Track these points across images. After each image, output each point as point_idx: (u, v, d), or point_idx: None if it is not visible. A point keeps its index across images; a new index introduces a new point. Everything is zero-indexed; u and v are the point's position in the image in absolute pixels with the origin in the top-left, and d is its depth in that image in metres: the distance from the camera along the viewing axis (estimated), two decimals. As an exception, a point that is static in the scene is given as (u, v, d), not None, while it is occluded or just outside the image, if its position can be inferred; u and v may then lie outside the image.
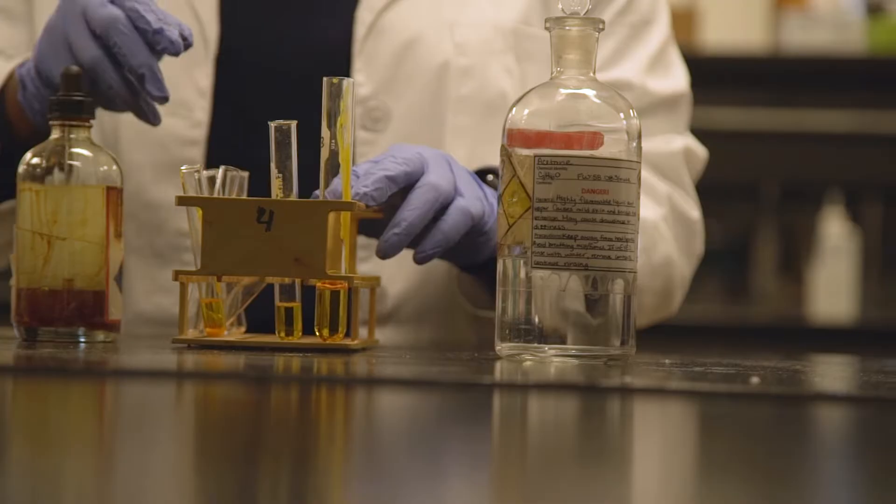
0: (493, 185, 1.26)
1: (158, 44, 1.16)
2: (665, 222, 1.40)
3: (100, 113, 1.30)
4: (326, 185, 1.13)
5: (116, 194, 1.16)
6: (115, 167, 1.16)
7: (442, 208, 1.17)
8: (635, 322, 1.11)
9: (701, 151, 1.47)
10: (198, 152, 1.35)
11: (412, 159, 1.16)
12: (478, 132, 1.37)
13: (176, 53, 1.17)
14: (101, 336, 1.14)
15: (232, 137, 1.26)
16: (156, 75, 1.17)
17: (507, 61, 1.38)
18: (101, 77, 1.18)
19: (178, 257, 1.36)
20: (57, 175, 1.15)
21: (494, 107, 1.36)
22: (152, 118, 1.20)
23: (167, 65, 1.24)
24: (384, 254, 1.14)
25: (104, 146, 1.36)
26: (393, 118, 1.36)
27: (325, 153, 1.12)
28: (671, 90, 1.43)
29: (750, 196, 3.39)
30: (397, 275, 1.37)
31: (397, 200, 1.16)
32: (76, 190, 1.14)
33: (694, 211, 1.44)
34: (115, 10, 1.17)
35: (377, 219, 1.19)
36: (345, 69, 1.36)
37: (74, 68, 1.16)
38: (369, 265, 1.35)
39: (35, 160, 1.15)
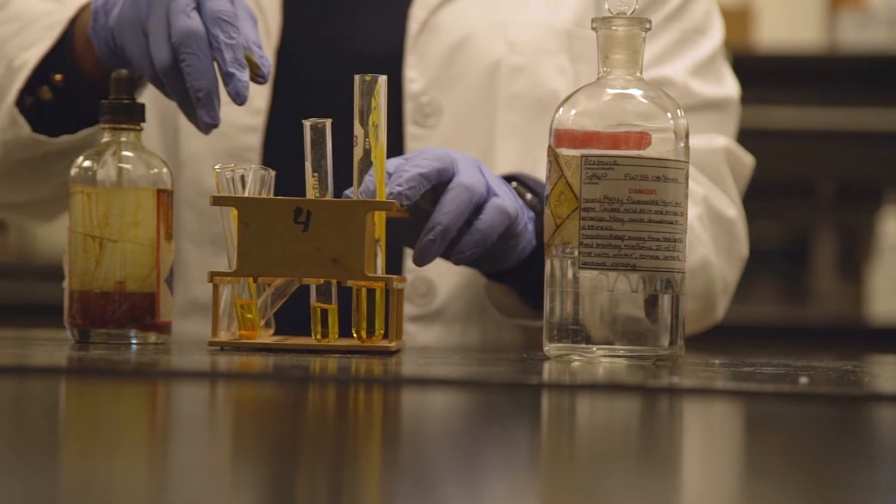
0: (519, 192, 1.26)
1: (226, 85, 1.16)
2: (700, 223, 1.39)
3: (160, 102, 1.32)
4: (360, 183, 1.12)
5: (167, 197, 1.16)
6: (165, 169, 1.17)
7: (476, 209, 1.17)
8: (684, 322, 1.11)
9: (747, 158, 1.45)
10: (256, 139, 1.38)
11: (443, 157, 1.16)
12: (529, 131, 1.37)
13: (241, 102, 1.16)
14: (152, 338, 1.15)
15: (289, 125, 1.27)
16: (212, 101, 1.16)
17: (560, 61, 1.39)
18: (164, 84, 1.19)
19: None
20: (108, 178, 1.16)
21: (546, 106, 1.37)
22: (202, 128, 1.20)
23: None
24: (421, 261, 1.14)
25: (164, 133, 1.39)
26: (444, 114, 1.37)
27: (358, 152, 1.12)
28: (716, 94, 1.42)
29: (807, 196, 3.37)
30: (446, 272, 1.38)
31: (422, 200, 1.16)
32: (127, 192, 1.15)
33: (731, 210, 1.42)
34: (195, 24, 1.16)
35: (401, 219, 1.18)
36: (398, 65, 1.37)
37: (123, 72, 1.17)
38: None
39: (86, 163, 1.16)
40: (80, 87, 1.29)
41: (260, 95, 1.38)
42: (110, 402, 0.88)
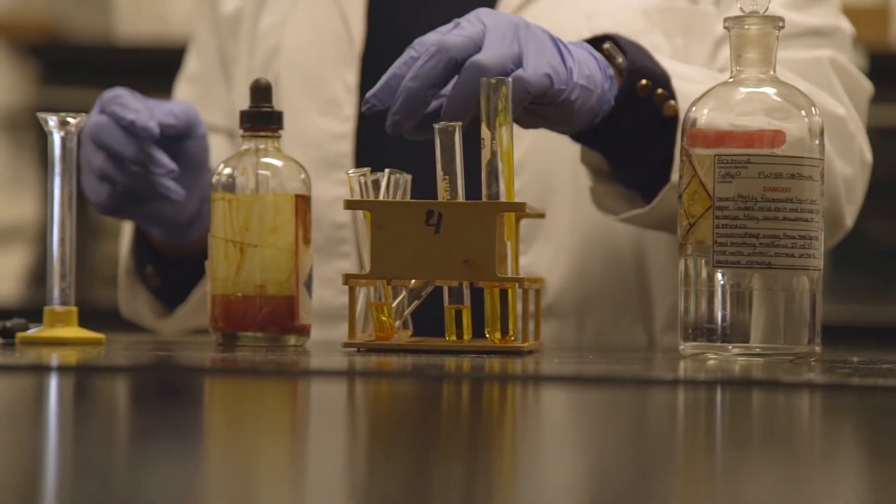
0: (609, 55, 1.22)
1: (137, 134, 1.24)
2: None
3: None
4: (489, 185, 1.13)
5: (305, 202, 1.19)
6: (302, 175, 1.19)
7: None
8: (821, 321, 1.10)
9: (865, 80, 1.38)
10: (347, 146, 1.40)
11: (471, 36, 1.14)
12: None
13: (153, 138, 1.25)
14: (292, 340, 1.18)
15: (379, 130, 1.29)
16: (153, 159, 1.25)
17: (652, 39, 1.35)
18: (115, 177, 1.26)
19: (336, 250, 1.41)
20: (248, 184, 1.18)
21: None
22: (172, 194, 1.27)
23: (317, 64, 1.36)
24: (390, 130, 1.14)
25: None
26: None
27: (486, 154, 1.13)
28: (819, 23, 1.36)
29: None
30: (555, 265, 1.37)
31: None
32: (266, 198, 1.18)
33: (839, 108, 1.34)
34: (101, 117, 1.26)
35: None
36: None
37: (263, 80, 1.20)
38: (526, 258, 1.35)
39: (227, 170, 1.19)
40: (171, 267, 1.42)
41: (348, 102, 1.41)
42: (254, 400, 0.90)
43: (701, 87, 1.23)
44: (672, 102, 1.23)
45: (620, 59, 1.23)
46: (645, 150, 1.25)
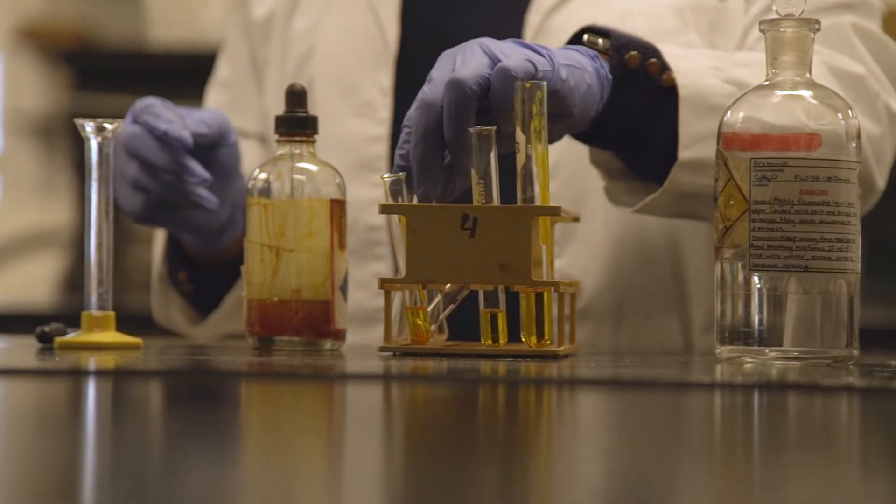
0: (592, 45, 1.21)
1: (171, 144, 1.25)
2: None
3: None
4: (524, 189, 1.13)
5: (340, 206, 1.19)
6: (338, 180, 1.20)
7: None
8: (858, 323, 1.10)
9: (891, 43, 1.34)
10: (382, 148, 1.41)
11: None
12: None
13: (187, 148, 1.25)
14: (327, 344, 1.18)
15: None
16: (187, 169, 1.25)
17: (686, 38, 1.35)
18: (148, 186, 1.27)
19: (370, 252, 1.41)
20: (283, 189, 1.19)
21: None
22: (205, 203, 1.27)
23: (352, 67, 1.37)
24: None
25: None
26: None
27: (520, 158, 1.13)
28: None
29: None
30: (590, 267, 1.37)
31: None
32: (302, 203, 1.18)
33: (857, 67, 1.31)
34: (134, 127, 1.26)
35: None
36: None
37: (298, 85, 1.20)
38: (560, 260, 1.35)
39: (262, 175, 1.19)
40: (201, 266, 1.43)
41: (383, 105, 1.41)
42: (291, 404, 0.91)
43: (696, 57, 1.23)
44: (670, 72, 1.22)
45: (601, 41, 1.22)
46: (654, 130, 1.24)
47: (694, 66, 1.23)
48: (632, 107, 1.22)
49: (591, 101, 1.18)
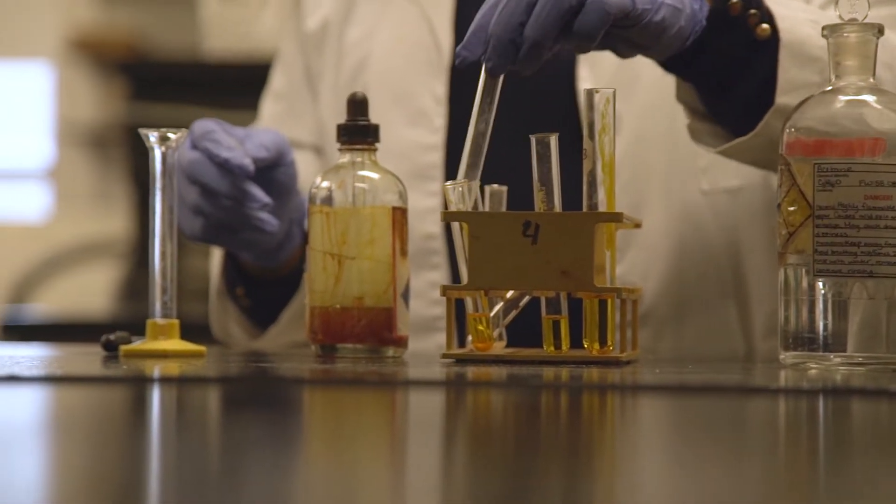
0: None
1: (232, 171, 1.24)
2: None
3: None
4: (589, 196, 1.13)
5: (401, 214, 1.19)
6: (399, 188, 1.20)
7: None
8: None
9: None
10: (437, 156, 1.41)
11: None
12: None
13: (248, 175, 1.24)
14: (390, 351, 1.18)
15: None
16: (248, 195, 1.25)
17: None
18: (209, 211, 1.26)
19: (426, 261, 1.41)
20: (345, 197, 1.19)
21: None
22: (267, 226, 1.27)
23: (406, 76, 1.37)
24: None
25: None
26: (624, 121, 1.36)
27: (587, 165, 1.13)
28: None
29: None
30: (650, 272, 1.36)
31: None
32: (363, 211, 1.18)
33: None
34: (194, 153, 1.26)
35: None
36: (570, 76, 1.37)
37: (360, 94, 1.21)
38: (621, 266, 1.34)
39: (325, 183, 1.20)
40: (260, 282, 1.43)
41: (437, 114, 1.41)
42: (354, 411, 0.91)
43: (796, 9, 1.22)
44: (765, 26, 1.21)
45: None
46: (739, 76, 1.23)
47: (795, 16, 1.23)
48: (722, 50, 1.21)
49: (676, 40, 1.18)
